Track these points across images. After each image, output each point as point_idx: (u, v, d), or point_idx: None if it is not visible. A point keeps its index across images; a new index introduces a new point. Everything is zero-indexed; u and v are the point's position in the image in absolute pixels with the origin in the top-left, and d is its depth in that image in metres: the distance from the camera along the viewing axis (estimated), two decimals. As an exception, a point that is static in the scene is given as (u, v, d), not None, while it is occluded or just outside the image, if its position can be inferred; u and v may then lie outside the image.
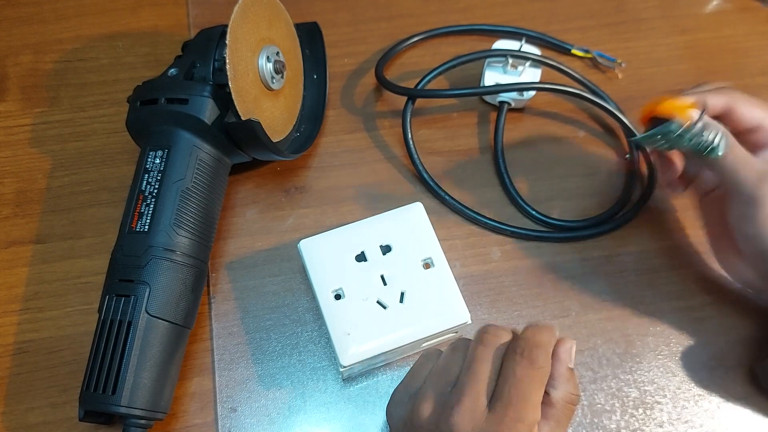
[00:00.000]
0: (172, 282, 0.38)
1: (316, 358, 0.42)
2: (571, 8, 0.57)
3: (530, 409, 0.31)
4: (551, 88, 0.48)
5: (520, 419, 0.31)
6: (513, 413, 0.31)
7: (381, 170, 0.49)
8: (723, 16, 0.57)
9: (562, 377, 0.33)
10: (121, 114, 0.45)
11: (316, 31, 0.51)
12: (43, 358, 0.41)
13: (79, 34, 0.53)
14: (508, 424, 0.31)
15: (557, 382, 0.33)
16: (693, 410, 0.42)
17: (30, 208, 0.46)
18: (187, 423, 0.40)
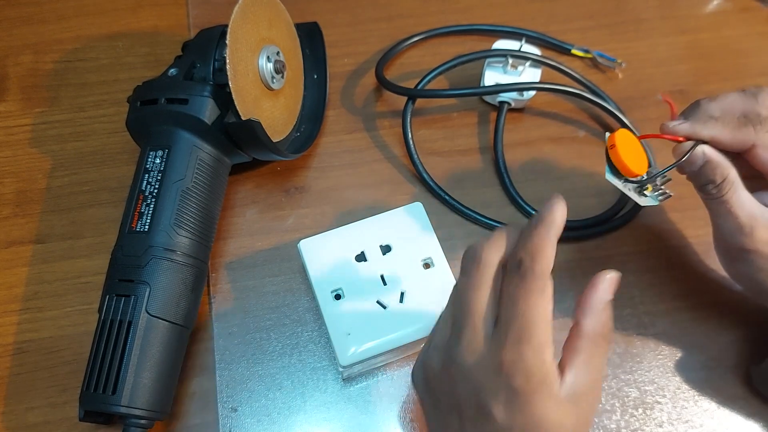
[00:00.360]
0: (172, 282, 0.38)
1: (316, 358, 0.42)
2: (571, 8, 0.57)
3: (535, 328, 0.28)
4: (551, 88, 0.48)
5: (523, 340, 0.28)
6: (514, 334, 0.28)
7: (381, 170, 0.49)
8: (723, 17, 0.58)
9: (595, 307, 0.30)
10: (121, 114, 0.45)
11: (317, 31, 0.51)
12: (43, 358, 0.41)
13: (79, 34, 0.53)
14: (511, 347, 0.28)
15: (589, 311, 0.30)
16: (693, 410, 0.42)
17: (30, 208, 0.46)
18: (188, 423, 0.40)
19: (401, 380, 0.42)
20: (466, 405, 0.30)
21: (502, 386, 0.28)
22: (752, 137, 0.35)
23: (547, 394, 0.28)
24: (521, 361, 0.28)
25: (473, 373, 0.29)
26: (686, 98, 0.53)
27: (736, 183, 0.35)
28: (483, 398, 0.29)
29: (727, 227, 0.36)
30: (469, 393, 0.29)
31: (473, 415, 0.29)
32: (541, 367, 0.28)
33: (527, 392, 0.28)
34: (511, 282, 0.29)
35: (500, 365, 0.28)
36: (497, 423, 0.28)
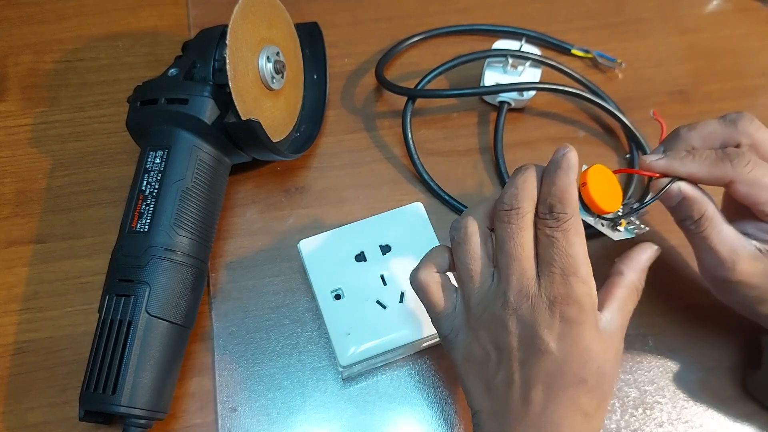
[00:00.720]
0: (172, 282, 0.38)
1: (315, 358, 0.42)
2: (571, 8, 0.57)
3: (579, 262, 0.31)
4: (551, 88, 0.48)
5: (573, 273, 0.31)
6: (562, 269, 0.31)
7: (381, 170, 0.49)
8: (723, 17, 0.58)
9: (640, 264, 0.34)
10: (121, 114, 0.45)
11: (317, 31, 0.51)
12: (43, 357, 0.41)
13: (79, 34, 0.53)
14: (561, 281, 0.31)
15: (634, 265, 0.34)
16: (693, 410, 0.42)
17: (30, 208, 0.46)
18: (187, 423, 0.40)
19: (401, 380, 0.42)
20: (517, 347, 0.32)
21: (556, 318, 0.31)
22: (730, 173, 0.34)
23: (593, 325, 0.31)
24: (573, 292, 0.31)
25: (527, 313, 0.31)
26: (686, 98, 0.53)
27: (715, 218, 0.35)
28: (538, 333, 0.31)
29: (709, 261, 0.36)
30: (524, 334, 0.31)
31: (524, 355, 0.31)
32: (591, 296, 0.31)
33: (579, 321, 0.31)
34: (547, 225, 0.31)
35: (554, 299, 0.31)
36: (551, 355, 0.31)
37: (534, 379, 0.31)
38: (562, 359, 0.31)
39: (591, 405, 0.31)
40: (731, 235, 0.35)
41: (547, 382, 0.31)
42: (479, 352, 0.33)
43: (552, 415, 0.31)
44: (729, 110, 0.52)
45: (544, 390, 0.31)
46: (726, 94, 0.53)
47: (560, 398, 0.31)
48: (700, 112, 0.52)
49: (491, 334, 0.32)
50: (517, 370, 0.32)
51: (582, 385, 0.31)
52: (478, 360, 0.33)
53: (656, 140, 0.50)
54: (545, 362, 0.31)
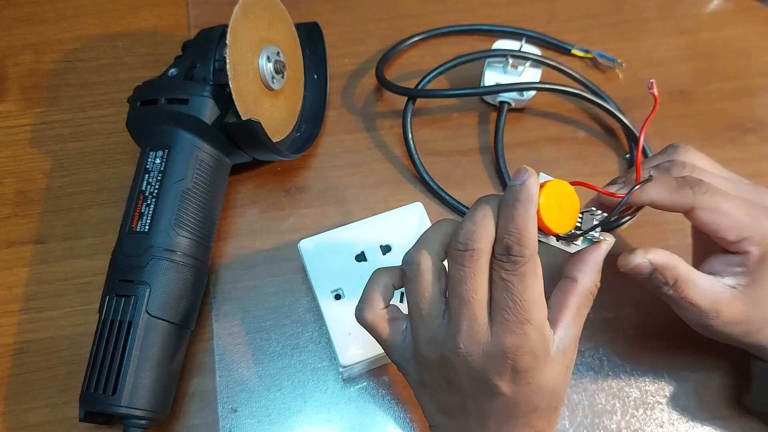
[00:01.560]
0: (172, 282, 0.38)
1: (316, 359, 0.42)
2: (571, 8, 0.57)
3: (533, 308, 0.29)
4: (551, 88, 0.48)
5: (526, 320, 0.29)
6: (515, 317, 0.29)
7: (381, 170, 0.49)
8: (723, 17, 0.57)
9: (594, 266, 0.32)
10: (121, 114, 0.45)
11: (317, 31, 0.51)
12: (43, 358, 0.41)
13: (79, 34, 0.53)
14: (515, 330, 0.29)
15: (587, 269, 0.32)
16: (694, 410, 0.41)
17: (30, 208, 0.46)
18: (188, 423, 0.40)
19: (401, 381, 0.42)
20: (469, 384, 0.31)
21: (507, 368, 0.30)
22: (690, 200, 0.34)
23: (545, 363, 0.31)
24: (527, 342, 0.30)
25: (478, 360, 0.30)
26: (687, 98, 0.53)
27: (690, 275, 0.34)
28: (490, 379, 0.31)
29: (692, 316, 0.36)
30: (474, 377, 0.31)
31: (475, 392, 0.31)
32: (543, 343, 0.30)
33: (533, 368, 0.30)
34: (503, 268, 0.30)
35: (506, 350, 0.30)
36: (503, 397, 0.31)
37: (487, 412, 0.32)
38: (514, 400, 0.31)
39: (542, 422, 0.32)
40: (708, 286, 0.35)
41: (499, 415, 0.31)
42: (430, 381, 0.33)
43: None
44: (729, 110, 0.53)
45: (497, 420, 0.32)
46: (726, 93, 0.53)
47: (513, 425, 0.32)
48: (700, 111, 0.52)
49: (441, 372, 0.32)
50: (469, 401, 0.32)
51: (534, 413, 0.31)
52: (431, 387, 0.33)
53: (656, 140, 0.50)
54: (497, 402, 0.31)
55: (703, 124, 0.52)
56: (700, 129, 0.52)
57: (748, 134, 0.52)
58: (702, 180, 0.34)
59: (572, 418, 0.41)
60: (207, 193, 0.41)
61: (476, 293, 0.30)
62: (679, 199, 0.34)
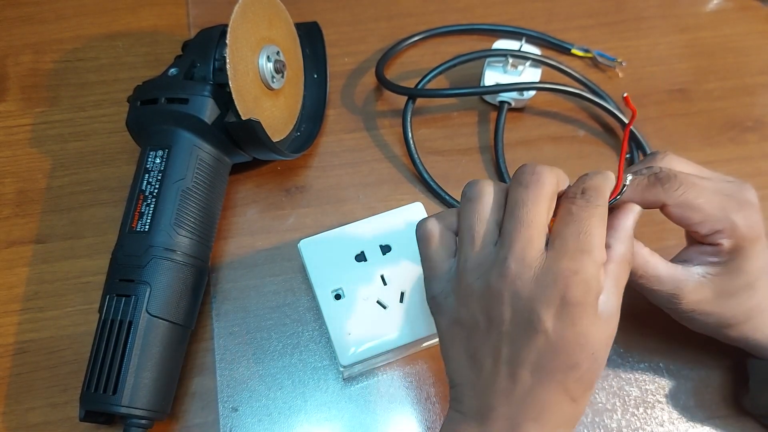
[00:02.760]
0: (172, 282, 0.38)
1: (317, 358, 0.42)
2: (571, 7, 0.57)
3: (596, 245, 0.29)
4: (551, 87, 0.48)
5: (585, 251, 0.29)
6: (576, 246, 0.29)
7: (381, 170, 0.49)
8: (723, 15, 0.58)
9: (627, 232, 0.32)
10: (121, 114, 0.45)
11: (317, 30, 0.51)
12: (43, 358, 0.41)
13: (78, 34, 0.53)
14: (573, 256, 0.29)
15: (621, 236, 0.31)
16: (694, 409, 0.41)
17: (30, 208, 0.46)
18: (188, 423, 0.40)
19: (402, 380, 0.42)
20: (510, 320, 0.30)
21: (557, 296, 0.29)
22: (662, 197, 0.34)
23: (594, 309, 0.29)
24: (582, 271, 0.29)
25: (527, 285, 0.29)
26: (687, 97, 0.53)
27: (649, 261, 0.35)
28: (535, 309, 0.29)
29: (658, 300, 0.36)
30: (518, 307, 0.29)
31: (515, 330, 0.30)
32: (598, 280, 0.29)
33: (582, 303, 0.29)
34: (575, 203, 0.30)
35: (558, 275, 0.29)
36: (545, 336, 0.29)
37: (523, 357, 0.30)
38: (556, 341, 0.29)
39: (579, 390, 0.30)
40: (668, 271, 0.35)
41: (537, 362, 0.29)
42: (468, 318, 0.31)
43: (538, 397, 0.30)
44: (729, 108, 0.53)
45: (533, 371, 0.30)
46: (726, 92, 0.53)
47: (548, 381, 0.30)
48: (700, 110, 0.52)
49: (483, 303, 0.30)
50: (506, 344, 0.30)
51: (574, 370, 0.29)
52: (466, 326, 0.31)
53: (656, 139, 0.50)
54: (537, 342, 0.29)
55: (703, 122, 0.52)
56: (699, 127, 0.52)
57: (747, 133, 0.52)
58: (674, 176, 0.35)
59: (572, 417, 0.41)
60: (207, 193, 0.41)
61: (536, 218, 0.30)
62: (650, 197, 0.35)
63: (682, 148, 0.51)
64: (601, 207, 0.30)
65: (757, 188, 0.38)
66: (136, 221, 0.39)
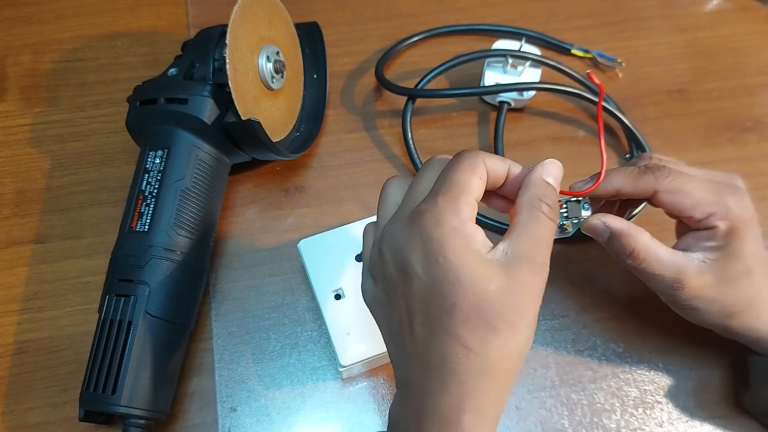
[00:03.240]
0: (171, 282, 0.38)
1: (316, 358, 0.42)
2: (570, 8, 0.57)
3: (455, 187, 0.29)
4: (551, 88, 0.48)
5: (441, 193, 0.29)
6: (435, 190, 0.30)
7: (381, 170, 0.49)
8: (722, 15, 0.58)
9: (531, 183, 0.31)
10: (120, 114, 0.45)
11: (316, 30, 0.51)
12: (43, 358, 0.41)
13: (78, 34, 0.53)
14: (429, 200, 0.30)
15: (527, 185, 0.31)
16: (693, 409, 0.41)
17: (30, 208, 0.46)
18: (187, 423, 0.40)
19: (401, 380, 0.42)
20: (395, 277, 0.30)
21: (416, 235, 0.29)
22: (652, 184, 0.35)
23: (463, 244, 0.29)
24: (434, 208, 0.29)
25: (398, 236, 0.30)
26: (686, 97, 0.53)
27: (651, 246, 0.35)
28: (405, 257, 0.29)
29: (659, 287, 0.36)
30: (394, 258, 0.30)
31: (403, 287, 0.30)
32: (454, 216, 0.29)
33: (440, 238, 0.28)
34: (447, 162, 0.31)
35: (416, 215, 0.29)
36: (419, 279, 0.29)
37: (413, 309, 0.29)
38: (428, 282, 0.28)
39: (473, 337, 0.28)
40: (670, 258, 0.35)
41: (423, 312, 0.29)
42: (378, 293, 0.32)
43: (434, 350, 0.29)
44: (729, 109, 0.53)
45: (423, 323, 0.29)
46: (725, 92, 0.53)
47: (437, 329, 0.28)
48: (699, 110, 0.52)
49: (379, 271, 0.31)
50: (401, 303, 0.30)
51: (454, 311, 0.28)
52: (381, 303, 0.32)
53: (656, 139, 0.50)
54: (416, 288, 0.29)
55: (702, 122, 0.52)
56: (699, 128, 0.52)
57: (746, 133, 0.52)
58: (664, 166, 0.36)
59: (571, 417, 0.41)
60: (206, 193, 0.41)
61: (420, 182, 0.32)
62: (641, 185, 0.35)
63: (682, 148, 0.51)
64: (471, 157, 0.31)
65: (757, 188, 0.39)
66: (135, 221, 0.39)
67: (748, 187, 0.37)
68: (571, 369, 0.42)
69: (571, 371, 0.42)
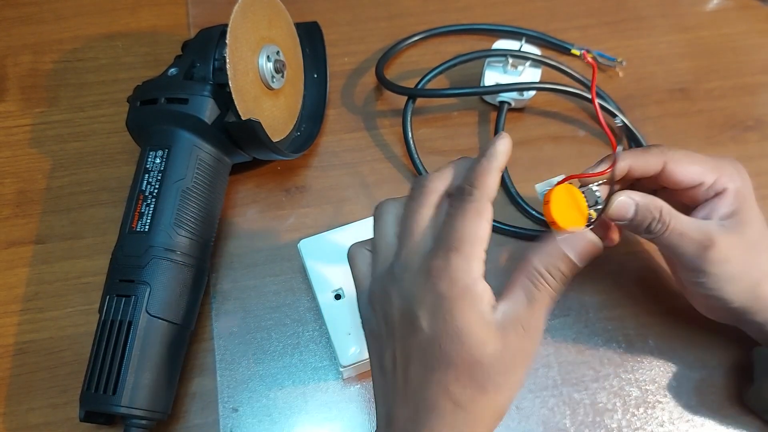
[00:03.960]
0: (172, 282, 0.38)
1: (317, 358, 0.42)
2: (571, 7, 0.57)
3: (466, 241, 0.29)
4: (551, 88, 0.48)
5: (455, 248, 0.29)
6: (446, 244, 0.29)
7: (381, 170, 0.49)
8: (723, 15, 0.57)
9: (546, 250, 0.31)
10: (120, 114, 0.45)
11: (316, 30, 0.51)
12: (43, 358, 0.41)
13: (78, 35, 0.53)
14: (440, 255, 0.29)
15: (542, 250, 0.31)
16: (694, 409, 0.41)
17: (30, 208, 0.46)
18: (189, 423, 0.40)
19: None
20: (398, 321, 0.31)
21: (428, 291, 0.29)
22: (662, 156, 0.37)
23: (470, 305, 0.29)
24: (448, 266, 0.29)
25: (405, 282, 0.30)
26: (687, 96, 0.53)
27: (673, 211, 0.36)
28: (412, 307, 0.30)
29: (686, 252, 0.36)
30: (404, 306, 0.30)
31: (404, 331, 0.31)
32: (467, 274, 0.29)
33: (451, 298, 0.29)
34: (451, 204, 0.31)
35: (429, 270, 0.30)
36: (423, 332, 0.30)
37: (412, 355, 0.30)
38: (431, 336, 0.29)
39: (463, 394, 0.29)
40: (695, 222, 0.36)
41: (421, 360, 0.30)
42: (375, 326, 0.33)
43: (425, 396, 0.30)
44: (730, 108, 0.53)
45: (420, 368, 0.30)
46: (727, 91, 0.53)
47: (429, 380, 0.30)
48: (700, 109, 0.52)
49: (381, 308, 0.32)
50: (399, 345, 0.31)
51: (449, 368, 0.29)
52: (375, 335, 0.33)
53: (657, 139, 0.50)
54: (419, 338, 0.30)
55: (704, 121, 0.52)
56: (700, 127, 0.52)
57: (748, 132, 0.52)
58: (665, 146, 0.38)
59: (573, 416, 0.41)
60: (207, 193, 0.41)
61: (419, 223, 0.31)
62: (651, 159, 0.37)
63: (683, 147, 0.50)
64: (475, 202, 0.30)
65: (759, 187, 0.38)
66: (136, 221, 0.39)
67: (749, 187, 0.37)
68: (573, 369, 0.42)
69: (573, 371, 0.42)
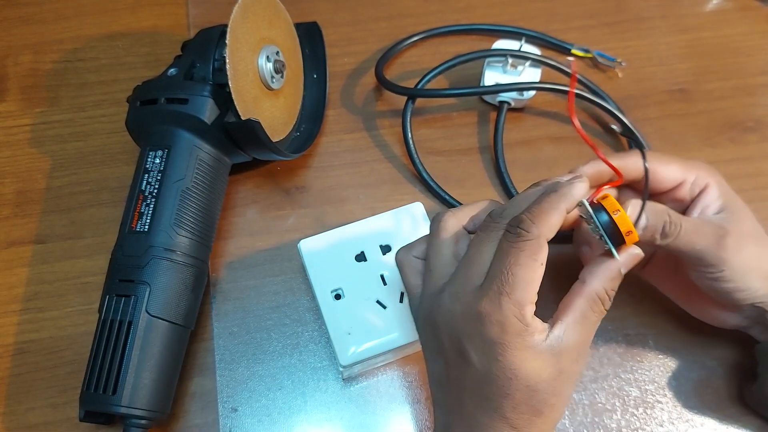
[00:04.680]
0: (172, 282, 0.38)
1: (317, 358, 0.42)
2: (571, 7, 0.57)
3: (518, 284, 0.29)
4: (551, 88, 0.48)
5: (506, 293, 0.29)
6: (497, 286, 0.29)
7: (381, 170, 0.49)
8: (723, 15, 0.57)
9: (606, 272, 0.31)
10: (120, 114, 0.45)
11: (316, 30, 0.51)
12: (43, 358, 0.41)
13: (78, 34, 0.53)
14: (491, 297, 0.29)
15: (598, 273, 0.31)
16: (694, 409, 0.41)
17: (30, 208, 0.46)
18: (188, 423, 0.40)
19: (401, 380, 0.42)
20: (449, 349, 0.31)
21: (477, 333, 0.30)
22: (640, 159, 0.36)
23: (522, 346, 0.29)
24: (499, 312, 0.29)
25: (455, 318, 0.31)
26: (687, 97, 0.53)
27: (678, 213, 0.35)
28: (463, 343, 0.30)
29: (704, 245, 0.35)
30: (452, 338, 0.31)
31: (455, 359, 0.31)
32: (518, 321, 0.29)
33: (501, 343, 0.29)
34: (506, 239, 0.30)
35: (477, 314, 0.30)
36: (474, 367, 0.30)
37: (463, 383, 0.31)
38: (484, 373, 0.30)
39: (520, 419, 0.30)
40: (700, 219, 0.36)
41: (473, 389, 0.31)
42: (426, 341, 0.33)
43: (480, 421, 0.31)
44: (729, 109, 0.53)
45: (474, 397, 0.31)
46: (726, 92, 0.53)
47: (485, 408, 0.30)
48: (700, 110, 0.52)
49: (431, 328, 0.32)
50: (450, 368, 0.31)
51: (506, 399, 0.30)
52: (427, 349, 0.34)
53: (656, 139, 0.50)
54: (470, 371, 0.30)
55: (703, 122, 0.52)
56: (700, 128, 0.52)
57: (748, 133, 0.52)
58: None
59: (572, 416, 0.41)
60: (207, 193, 0.41)
61: (478, 257, 0.31)
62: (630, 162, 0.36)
63: (683, 148, 0.51)
64: (532, 241, 0.29)
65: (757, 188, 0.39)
66: (135, 221, 0.39)
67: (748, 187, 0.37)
68: (572, 369, 0.42)
69: (572, 371, 0.42)
